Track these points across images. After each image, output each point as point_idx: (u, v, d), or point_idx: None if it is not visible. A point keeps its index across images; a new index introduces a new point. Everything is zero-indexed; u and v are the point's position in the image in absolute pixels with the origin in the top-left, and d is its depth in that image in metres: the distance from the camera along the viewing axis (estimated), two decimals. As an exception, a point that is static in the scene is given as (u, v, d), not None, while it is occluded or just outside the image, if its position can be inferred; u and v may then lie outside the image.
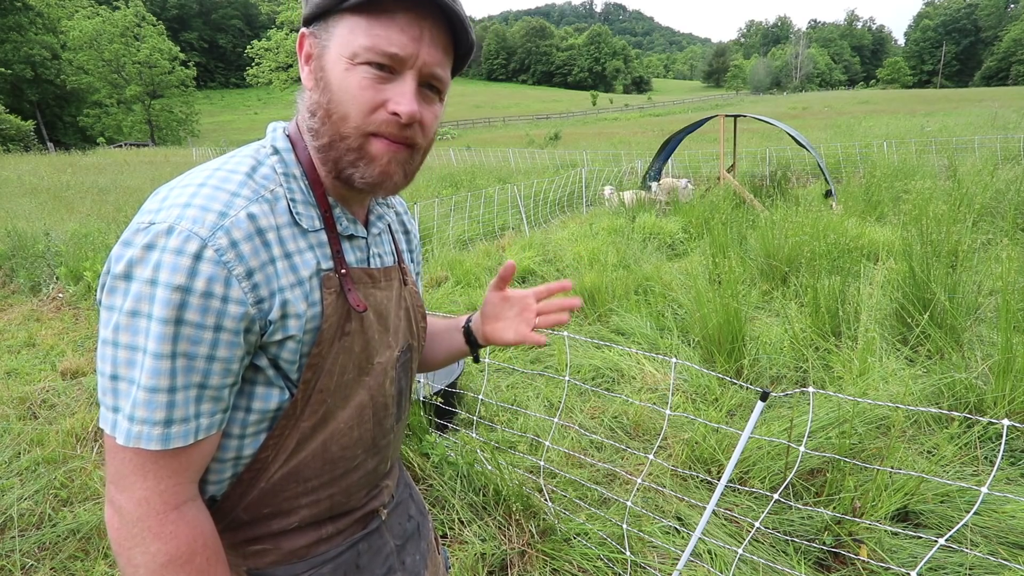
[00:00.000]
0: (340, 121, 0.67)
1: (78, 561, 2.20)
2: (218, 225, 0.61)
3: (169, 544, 0.63)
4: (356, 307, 0.74)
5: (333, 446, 0.76)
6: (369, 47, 0.64)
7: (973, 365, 2.94)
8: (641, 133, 30.44)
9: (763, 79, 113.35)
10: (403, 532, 0.95)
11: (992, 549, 1.99)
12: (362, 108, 0.66)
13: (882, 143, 12.44)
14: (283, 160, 0.71)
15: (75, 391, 3.66)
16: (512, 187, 9.66)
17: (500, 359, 3.86)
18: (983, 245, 5.00)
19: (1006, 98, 38.82)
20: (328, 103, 0.67)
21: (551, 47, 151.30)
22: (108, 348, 0.61)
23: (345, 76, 0.66)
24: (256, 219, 0.65)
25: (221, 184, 0.64)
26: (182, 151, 33.74)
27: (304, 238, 0.70)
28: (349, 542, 0.84)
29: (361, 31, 0.65)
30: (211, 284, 0.60)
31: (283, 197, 0.69)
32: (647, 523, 2.24)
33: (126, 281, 0.59)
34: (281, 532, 0.77)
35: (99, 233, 7.19)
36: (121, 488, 0.63)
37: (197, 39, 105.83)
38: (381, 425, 0.83)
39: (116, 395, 0.61)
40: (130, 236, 0.61)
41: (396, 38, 0.65)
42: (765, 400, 1.61)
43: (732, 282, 3.79)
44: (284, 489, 0.75)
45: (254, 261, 0.64)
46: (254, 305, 0.64)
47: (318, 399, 0.72)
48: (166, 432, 0.61)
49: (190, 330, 0.60)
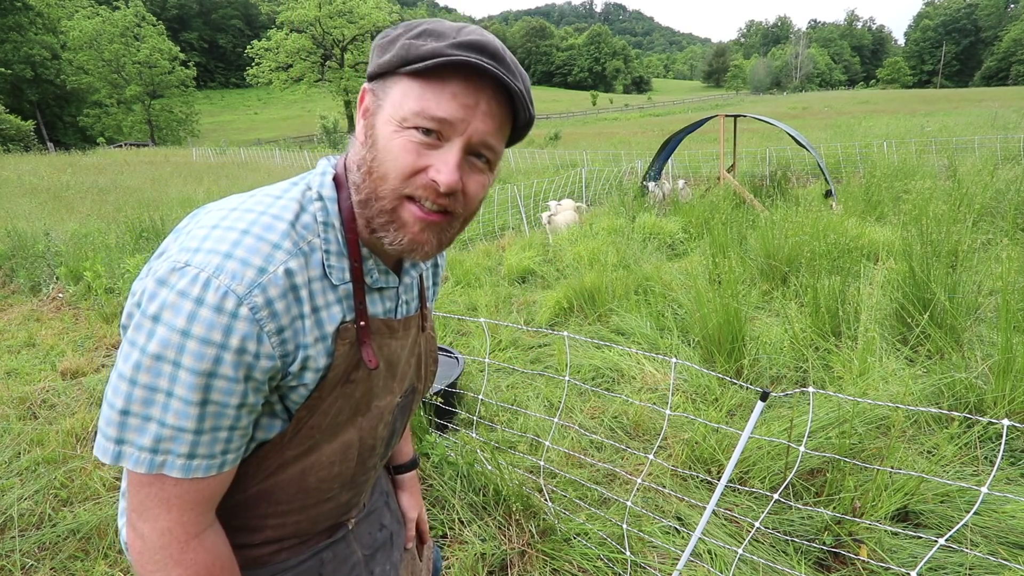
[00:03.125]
0: (379, 180, 0.66)
1: (78, 561, 2.20)
2: (256, 282, 0.61)
3: (189, 570, 0.65)
4: (368, 363, 0.74)
5: (311, 477, 0.76)
6: (418, 112, 0.64)
7: (973, 365, 2.93)
8: (641, 133, 30.45)
9: (763, 79, 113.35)
10: (372, 542, 0.94)
11: (992, 549, 1.99)
12: (402, 171, 0.65)
13: (882, 143, 12.44)
14: (325, 208, 0.70)
15: (75, 391, 3.66)
16: (512, 187, 9.66)
17: (500, 359, 3.86)
18: (983, 245, 4.99)
19: (1006, 98, 38.84)
20: (372, 160, 0.67)
21: (551, 47, 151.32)
22: (124, 384, 0.60)
23: (392, 137, 0.65)
24: (293, 275, 0.64)
25: (264, 233, 0.64)
26: (182, 151, 33.75)
27: (333, 292, 0.70)
28: (313, 551, 0.83)
29: (414, 96, 0.64)
30: (245, 341, 0.61)
31: (319, 248, 0.68)
32: (647, 523, 2.24)
33: (154, 323, 0.59)
34: (243, 545, 0.77)
35: (99, 233, 7.19)
36: (144, 519, 0.64)
37: (197, 39, 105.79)
38: (363, 464, 0.82)
39: (123, 428, 0.61)
40: (165, 274, 0.60)
41: (447, 105, 0.64)
42: (765, 400, 1.61)
43: (732, 282, 3.79)
44: (255, 507, 0.75)
45: (285, 319, 0.64)
46: (280, 358, 0.65)
47: (307, 434, 0.73)
48: (188, 463, 0.62)
49: (223, 383, 0.61)
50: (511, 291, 5.47)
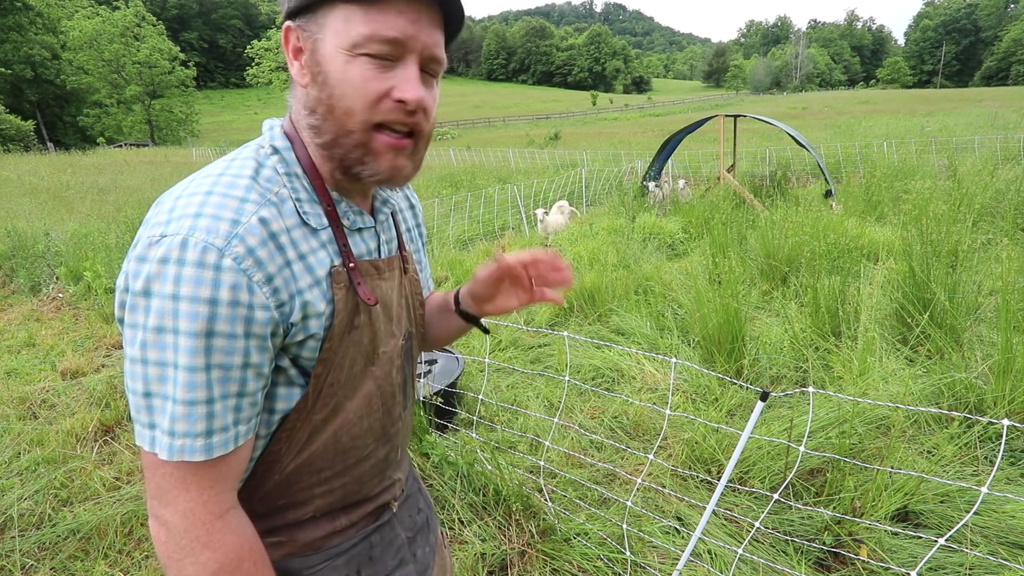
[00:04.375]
0: (344, 116, 0.66)
1: (78, 561, 2.20)
2: (232, 233, 0.61)
3: (218, 552, 0.64)
4: (367, 300, 0.74)
5: (344, 436, 0.77)
6: (369, 35, 0.63)
7: (973, 365, 2.93)
8: (641, 133, 30.43)
9: (763, 79, 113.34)
10: (413, 524, 0.97)
11: (992, 549, 1.99)
12: (367, 99, 0.65)
13: (882, 143, 12.44)
14: (284, 159, 0.70)
15: (75, 391, 3.66)
16: (512, 187, 9.66)
17: (500, 359, 3.86)
18: (983, 245, 4.99)
19: (1006, 98, 38.82)
20: (329, 98, 0.66)
21: (551, 47, 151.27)
22: (137, 366, 0.61)
23: (345, 68, 0.64)
24: (268, 223, 0.64)
25: (228, 191, 0.63)
26: (182, 151, 33.73)
27: (315, 237, 0.70)
28: (362, 534, 0.85)
29: (358, 20, 0.63)
30: (236, 292, 0.60)
31: (288, 198, 0.68)
32: (647, 523, 2.24)
33: (146, 298, 0.59)
34: (296, 523, 0.78)
35: (99, 233, 7.19)
36: (165, 503, 0.63)
37: (197, 39, 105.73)
38: (390, 413, 0.84)
39: (151, 412, 0.61)
40: (143, 251, 0.60)
41: (395, 22, 0.64)
42: (765, 400, 1.61)
43: (732, 282, 3.79)
44: (298, 480, 0.75)
45: (272, 266, 0.64)
46: (276, 309, 0.65)
47: (328, 392, 0.73)
48: (208, 443, 0.62)
49: (222, 341, 0.60)
50: (511, 291, 5.46)
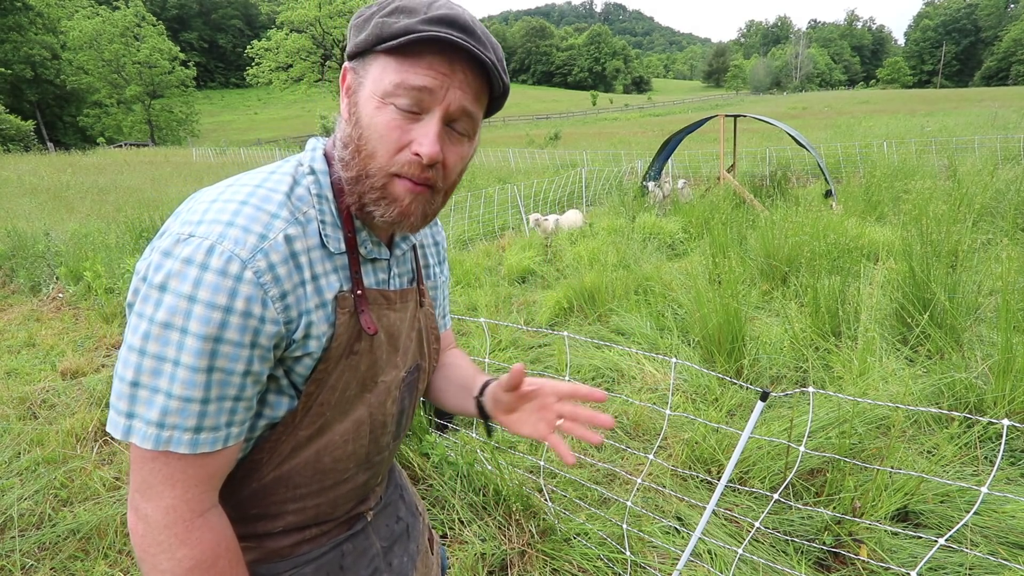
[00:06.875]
0: (368, 158, 0.69)
1: (78, 561, 2.20)
2: (258, 247, 0.63)
3: (195, 550, 0.65)
4: (367, 329, 0.75)
5: (326, 457, 0.77)
6: (398, 83, 0.66)
7: (973, 365, 2.93)
8: (641, 133, 30.44)
9: (763, 79, 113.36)
10: (391, 533, 0.95)
11: (992, 549, 1.99)
12: (388, 148, 0.68)
13: (882, 143, 12.44)
14: (318, 181, 0.73)
15: (75, 391, 3.66)
16: (512, 187, 9.67)
17: (500, 359, 3.86)
18: (983, 245, 4.99)
19: (1006, 98, 38.83)
20: (359, 139, 0.69)
21: (551, 47, 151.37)
22: (134, 355, 0.61)
23: (375, 114, 0.67)
24: (292, 241, 0.67)
25: (262, 204, 0.66)
26: (182, 151, 33.75)
27: (330, 260, 0.72)
28: (333, 543, 0.84)
29: (392, 69, 0.67)
30: (250, 304, 0.62)
31: (315, 219, 0.71)
32: (647, 523, 2.24)
33: (161, 292, 0.60)
34: (265, 534, 0.78)
35: (99, 233, 7.20)
36: (148, 497, 0.64)
37: (197, 39, 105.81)
38: (377, 442, 0.83)
39: (133, 401, 0.62)
40: (170, 246, 0.61)
41: (423, 74, 0.66)
42: (765, 400, 1.61)
43: (732, 282, 3.79)
44: (273, 493, 0.76)
45: (288, 284, 0.66)
46: (284, 324, 0.66)
47: (317, 411, 0.74)
48: (195, 438, 0.63)
49: (228, 348, 0.62)
50: (511, 291, 5.48)
